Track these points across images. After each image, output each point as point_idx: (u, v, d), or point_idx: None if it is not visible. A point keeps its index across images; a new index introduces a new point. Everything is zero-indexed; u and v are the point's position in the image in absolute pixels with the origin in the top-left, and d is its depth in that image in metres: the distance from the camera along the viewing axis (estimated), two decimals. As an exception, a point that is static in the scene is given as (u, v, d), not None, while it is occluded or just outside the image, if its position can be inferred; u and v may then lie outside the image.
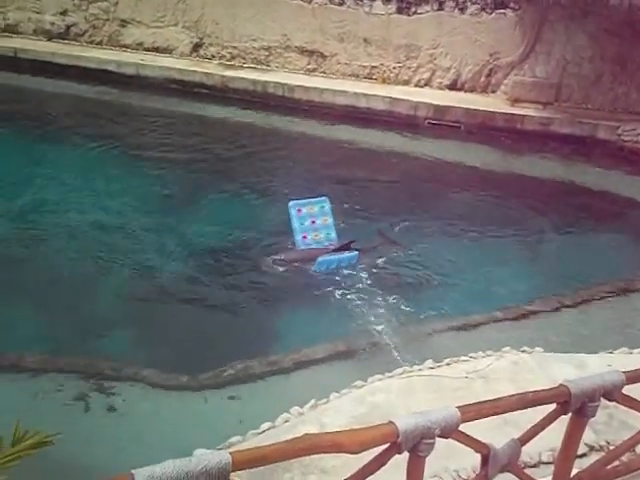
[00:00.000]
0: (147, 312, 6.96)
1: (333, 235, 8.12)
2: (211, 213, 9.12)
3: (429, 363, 5.03)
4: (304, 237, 8.03)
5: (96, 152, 11.19)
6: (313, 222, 8.13)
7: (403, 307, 6.89)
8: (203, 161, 10.94)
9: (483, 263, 7.94)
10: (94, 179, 10.13)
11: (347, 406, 4.45)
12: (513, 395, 2.77)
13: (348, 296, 7.06)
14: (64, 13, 16.18)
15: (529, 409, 2.90)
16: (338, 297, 7.06)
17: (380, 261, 7.81)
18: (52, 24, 16.41)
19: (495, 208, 9.62)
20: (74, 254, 7.92)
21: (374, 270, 7.59)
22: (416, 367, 4.99)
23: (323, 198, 8.31)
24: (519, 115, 12.05)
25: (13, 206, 9.08)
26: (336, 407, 4.45)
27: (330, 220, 8.19)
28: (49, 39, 16.50)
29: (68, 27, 16.27)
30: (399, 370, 4.93)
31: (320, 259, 7.61)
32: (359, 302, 6.92)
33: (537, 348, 5.38)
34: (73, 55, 15.40)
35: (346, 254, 7.74)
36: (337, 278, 7.40)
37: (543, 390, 2.99)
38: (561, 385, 2.93)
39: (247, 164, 10.87)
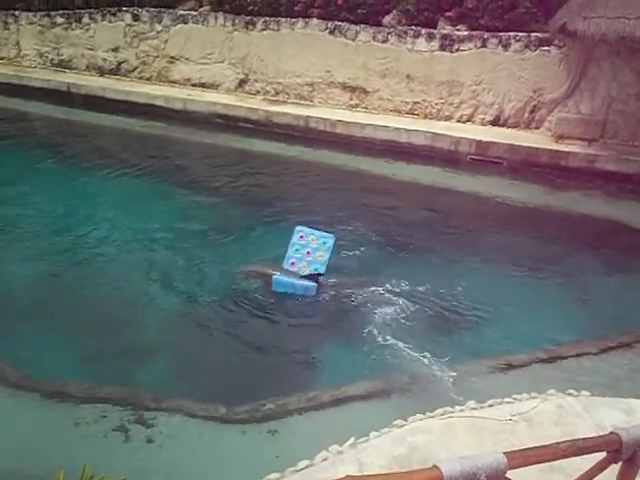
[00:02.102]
0: (187, 343, 7.01)
1: (322, 271, 7.79)
2: (254, 244, 9.20)
3: (471, 404, 4.91)
4: (292, 264, 7.84)
5: (142, 184, 11.49)
6: (308, 253, 7.88)
7: (442, 345, 6.77)
8: (246, 193, 11.12)
9: (525, 302, 7.77)
10: (140, 211, 10.37)
11: (387, 446, 4.37)
12: (562, 442, 2.68)
13: (386, 333, 6.96)
14: (116, 50, 16.85)
15: (576, 454, 2.81)
16: (375, 333, 6.97)
17: (418, 298, 7.71)
18: (104, 60, 17.10)
19: (538, 246, 9.46)
20: (116, 285, 8.04)
21: (413, 307, 7.50)
22: (458, 408, 4.88)
23: (330, 235, 8.06)
24: (563, 152, 11.92)
25: (58, 236, 9.31)
26: (376, 446, 4.38)
27: (326, 257, 7.84)
28: (101, 74, 17.20)
29: (119, 63, 16.93)
30: (440, 410, 4.82)
31: (275, 277, 7.56)
32: (398, 340, 6.82)
33: (583, 391, 5.21)
34: (123, 90, 15.99)
35: (302, 282, 7.58)
36: (374, 314, 7.32)
37: (593, 437, 2.89)
38: (612, 433, 2.83)
39: (288, 196, 11.00)
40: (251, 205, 10.61)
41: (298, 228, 8.12)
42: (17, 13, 18.31)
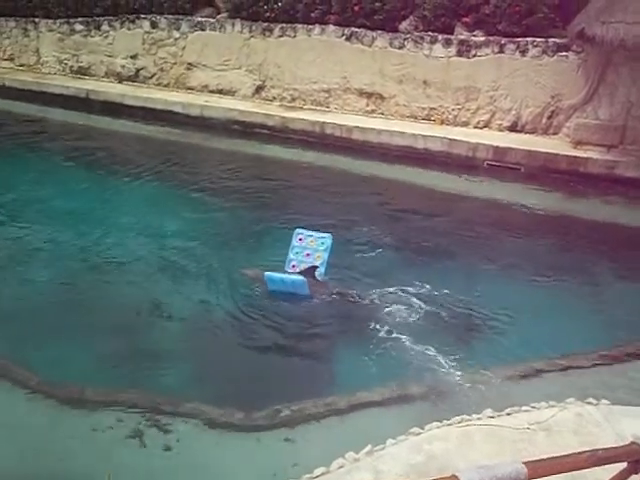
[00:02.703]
0: (204, 348, 7.02)
1: (322, 272, 7.91)
2: (267, 248, 9.21)
3: (489, 412, 4.86)
4: (293, 266, 7.99)
5: (158, 189, 11.60)
6: (307, 255, 8.01)
7: (459, 353, 6.71)
8: (260, 198, 11.16)
9: (543, 309, 7.69)
10: (156, 215, 10.44)
11: (404, 454, 4.34)
12: (582, 452, 2.65)
13: (402, 338, 6.92)
14: (134, 57, 17.02)
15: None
16: (390, 338, 6.92)
17: (435, 303, 7.66)
18: (123, 67, 17.27)
19: (556, 253, 9.38)
20: (133, 289, 8.09)
21: (429, 311, 7.46)
22: (475, 416, 4.83)
23: (327, 235, 8.16)
24: (582, 158, 11.81)
25: (76, 240, 9.41)
26: (392, 454, 4.34)
27: (325, 257, 7.96)
28: (119, 81, 17.36)
29: (138, 70, 17.09)
30: (457, 418, 4.78)
31: (267, 274, 7.61)
32: (413, 345, 6.78)
33: (603, 400, 5.14)
34: (141, 97, 16.15)
35: (292, 276, 7.66)
36: (389, 318, 7.28)
37: (613, 448, 2.86)
38: (633, 443, 2.79)
39: (303, 201, 11.02)
40: (266, 210, 10.65)
41: (297, 231, 8.24)
42: (37, 20, 18.56)
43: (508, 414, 4.84)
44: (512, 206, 11.07)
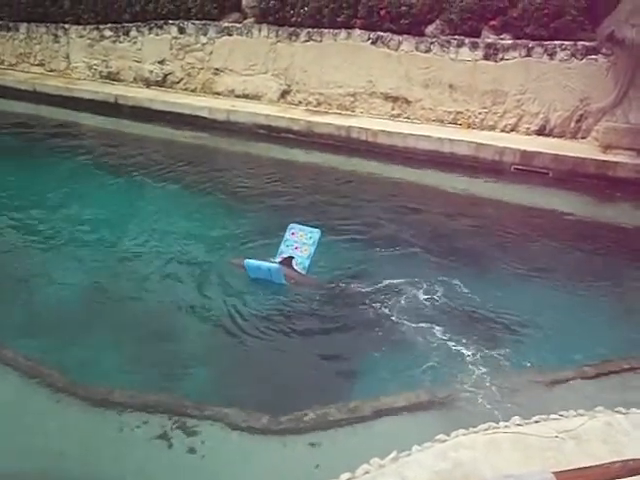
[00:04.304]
0: (229, 351, 7.06)
1: (305, 265, 8.19)
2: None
3: (516, 419, 4.81)
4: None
5: (186, 193, 11.69)
6: (297, 248, 8.31)
7: (486, 359, 6.65)
8: (287, 202, 11.19)
9: (571, 316, 7.59)
10: (183, 219, 10.53)
11: (429, 461, 4.31)
12: (613, 462, 2.61)
13: (424, 342, 6.87)
14: (162, 62, 17.22)
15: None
16: (412, 341, 6.88)
17: (459, 306, 7.60)
18: (151, 72, 17.48)
19: (584, 258, 9.25)
20: (159, 292, 8.17)
21: (453, 314, 7.40)
22: (502, 423, 4.78)
23: (316, 230, 8.46)
24: (612, 162, 11.63)
25: (103, 243, 9.55)
26: (418, 461, 4.32)
27: (311, 251, 8.29)
28: (147, 86, 17.57)
29: (165, 75, 17.29)
30: (484, 425, 4.73)
31: (246, 261, 7.93)
32: (437, 350, 6.75)
33: (633, 409, 5.05)
34: (169, 102, 16.32)
35: (267, 264, 7.93)
36: (411, 319, 7.24)
37: (644, 459, 2.80)
38: (665, 454, 2.75)
39: (328, 204, 11.04)
40: (290, 212, 10.65)
41: (291, 225, 8.56)
42: (67, 26, 18.88)
43: (536, 422, 4.77)
44: (540, 211, 10.95)
